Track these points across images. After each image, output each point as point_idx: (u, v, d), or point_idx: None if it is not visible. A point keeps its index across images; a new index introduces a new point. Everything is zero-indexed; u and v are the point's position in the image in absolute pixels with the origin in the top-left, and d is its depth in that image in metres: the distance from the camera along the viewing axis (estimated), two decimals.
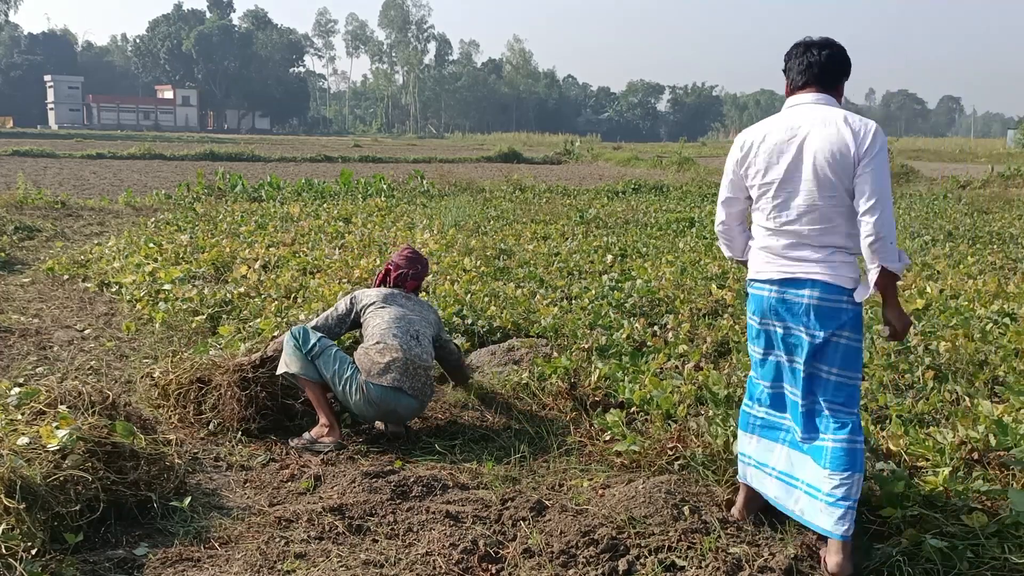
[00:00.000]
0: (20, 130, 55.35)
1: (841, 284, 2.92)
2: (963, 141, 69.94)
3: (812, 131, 2.92)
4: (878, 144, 2.84)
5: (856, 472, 2.88)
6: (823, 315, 2.93)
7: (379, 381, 4.07)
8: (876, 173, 2.81)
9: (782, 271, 3.01)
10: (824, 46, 3.04)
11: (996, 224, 12.38)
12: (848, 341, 2.93)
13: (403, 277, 4.69)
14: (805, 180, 2.92)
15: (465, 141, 70.69)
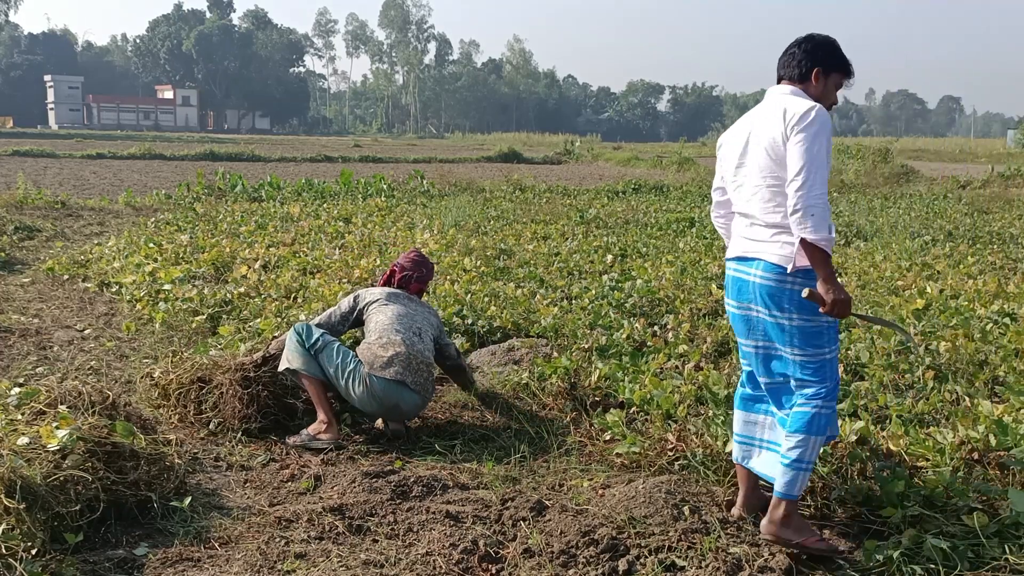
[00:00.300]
0: (20, 130, 55.35)
1: (782, 264, 2.99)
2: (963, 141, 69.93)
3: (760, 117, 3.08)
4: (806, 120, 2.92)
5: (811, 435, 2.98)
6: (768, 294, 3.04)
7: (382, 374, 4.08)
8: (802, 146, 2.89)
9: (739, 249, 3.17)
10: (804, 41, 3.15)
11: (996, 224, 12.38)
12: (801, 322, 3.00)
13: (407, 279, 4.71)
14: (751, 163, 3.09)
15: (465, 141, 70.70)
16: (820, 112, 2.94)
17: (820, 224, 2.83)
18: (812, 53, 3.11)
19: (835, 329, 3.05)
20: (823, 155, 2.89)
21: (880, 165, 24.03)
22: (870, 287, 7.30)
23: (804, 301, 2.94)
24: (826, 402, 3.01)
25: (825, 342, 3.02)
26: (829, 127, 2.96)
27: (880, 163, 24.33)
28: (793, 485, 3.01)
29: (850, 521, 3.26)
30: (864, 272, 8.04)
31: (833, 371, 3.05)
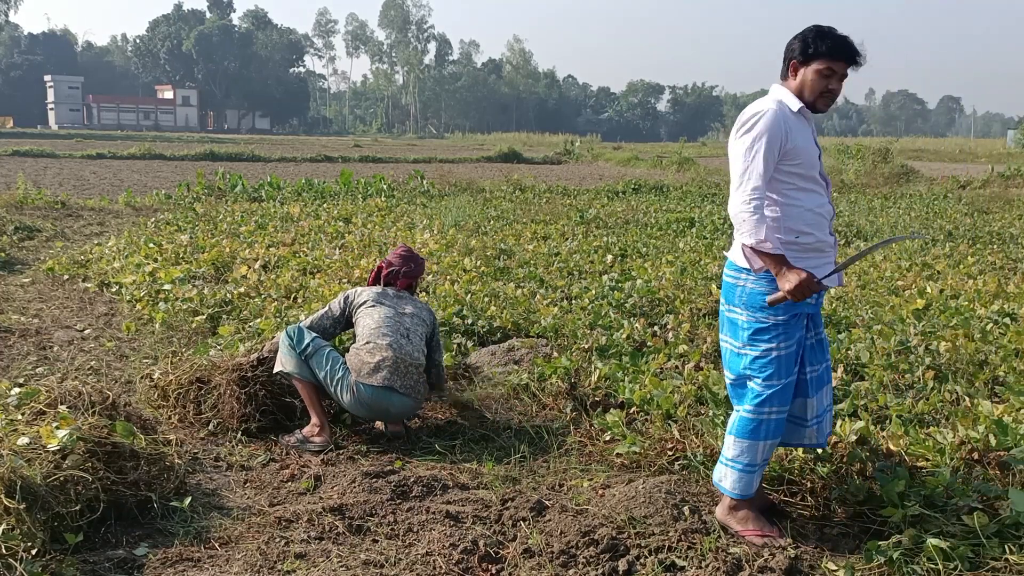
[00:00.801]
0: (20, 130, 55.36)
1: (735, 259, 3.13)
2: (963, 141, 69.99)
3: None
4: (745, 128, 2.98)
5: (758, 440, 3.07)
6: (724, 288, 3.22)
7: (369, 381, 4.07)
8: (733, 155, 3.00)
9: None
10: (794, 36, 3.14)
11: (996, 224, 12.38)
12: (748, 318, 3.09)
13: (394, 275, 4.63)
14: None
15: (465, 141, 70.69)
16: (763, 118, 2.95)
17: (752, 230, 2.91)
18: (788, 47, 3.09)
19: (785, 327, 3.06)
20: (756, 162, 2.92)
21: (880, 165, 24.04)
22: (870, 287, 7.30)
23: (752, 298, 3.06)
24: (763, 404, 3.06)
25: (772, 340, 3.06)
26: (771, 131, 2.94)
27: (880, 163, 24.34)
28: (737, 484, 3.12)
29: (850, 521, 3.26)
30: (864, 272, 8.04)
31: (783, 371, 3.07)
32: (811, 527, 3.26)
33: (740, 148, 2.97)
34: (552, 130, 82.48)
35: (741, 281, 3.10)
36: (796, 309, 3.05)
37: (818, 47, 3.00)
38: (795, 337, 3.08)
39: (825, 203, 3.13)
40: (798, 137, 3.01)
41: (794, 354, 3.09)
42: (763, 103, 3.02)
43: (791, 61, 3.07)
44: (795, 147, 3.00)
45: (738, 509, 3.17)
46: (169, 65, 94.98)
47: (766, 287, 3.03)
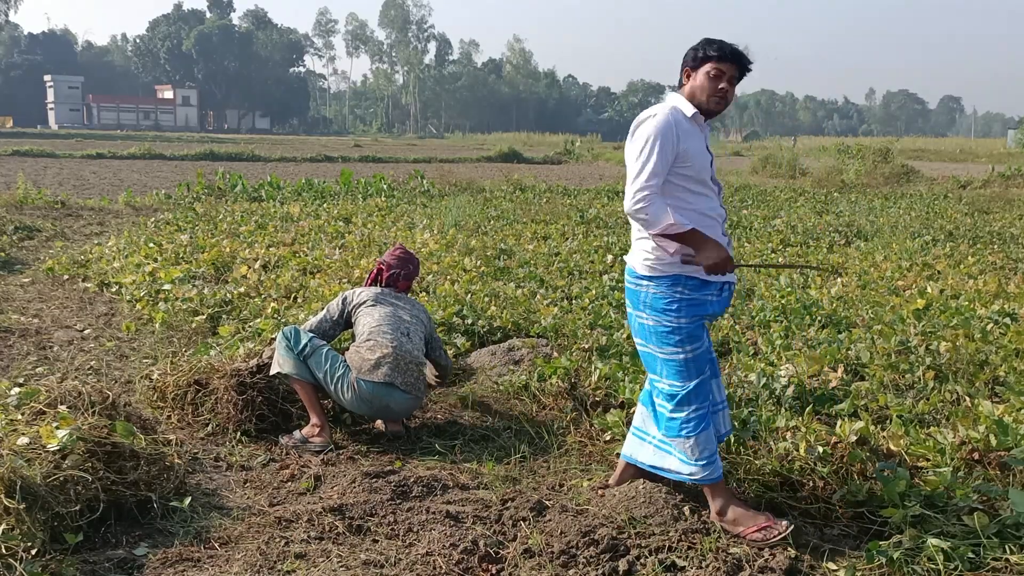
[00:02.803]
0: (20, 130, 55.36)
1: (634, 267, 3.25)
2: (963, 141, 70.02)
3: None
4: (633, 133, 3.11)
5: (687, 437, 3.18)
6: (627, 293, 3.31)
7: (370, 377, 4.08)
8: (627, 158, 3.09)
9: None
10: None
11: (996, 224, 12.38)
12: (653, 323, 3.19)
13: (395, 277, 4.69)
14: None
15: (465, 141, 70.68)
16: (655, 121, 3.07)
17: (655, 218, 3.01)
18: (683, 59, 3.25)
19: (689, 331, 3.16)
20: (649, 162, 3.01)
21: (880, 165, 24.02)
22: (870, 287, 7.29)
23: (657, 302, 3.16)
24: (699, 404, 3.17)
25: (677, 342, 3.16)
26: (664, 132, 3.04)
27: (880, 163, 24.32)
28: (706, 473, 3.19)
29: (850, 521, 3.26)
30: (864, 272, 8.03)
31: (695, 369, 3.18)
32: (811, 527, 3.26)
33: (633, 150, 3.08)
34: (552, 130, 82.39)
35: (643, 287, 3.21)
36: (701, 311, 3.17)
37: (707, 52, 3.17)
38: (702, 339, 3.21)
39: (716, 206, 3.24)
40: (690, 141, 3.13)
41: (704, 355, 3.21)
42: (656, 108, 3.15)
43: (684, 69, 3.23)
44: (687, 150, 3.11)
45: (724, 511, 3.20)
46: (169, 65, 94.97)
47: (667, 292, 3.16)
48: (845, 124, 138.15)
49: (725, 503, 3.21)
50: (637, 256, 3.24)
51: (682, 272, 3.14)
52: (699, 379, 3.20)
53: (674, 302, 3.15)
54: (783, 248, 9.77)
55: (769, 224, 11.94)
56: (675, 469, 3.27)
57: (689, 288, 3.15)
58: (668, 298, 3.15)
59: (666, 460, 3.30)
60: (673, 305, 3.15)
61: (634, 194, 3.01)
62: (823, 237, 10.65)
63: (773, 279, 7.59)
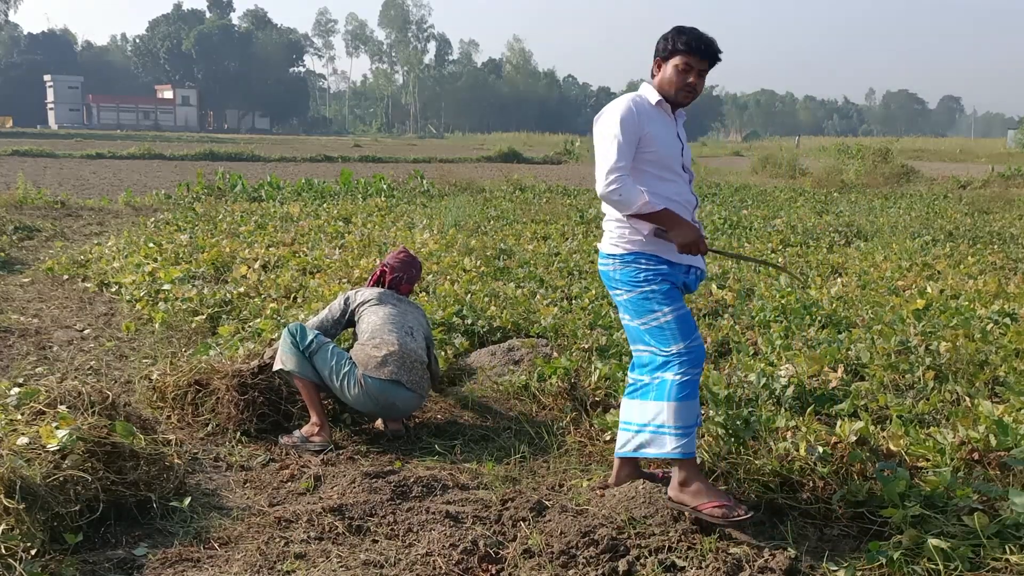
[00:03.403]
0: (20, 130, 55.35)
1: (606, 250, 3.32)
2: (963, 141, 70.05)
3: None
4: (598, 120, 3.20)
5: (671, 401, 3.17)
6: (602, 277, 3.39)
7: (377, 374, 4.08)
8: (595, 144, 3.17)
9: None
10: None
11: (996, 224, 12.38)
12: (628, 294, 3.26)
13: (398, 281, 4.72)
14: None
15: (465, 141, 70.68)
16: (616, 107, 3.16)
17: (627, 199, 3.07)
18: (655, 48, 3.26)
19: (663, 293, 3.21)
20: (614, 145, 3.08)
21: (880, 165, 24.02)
22: (870, 287, 7.29)
23: (626, 276, 3.24)
24: (688, 369, 3.18)
25: (656, 306, 3.20)
26: (624, 117, 3.11)
27: (880, 163, 24.32)
28: (679, 445, 3.18)
29: (850, 521, 3.26)
30: (864, 272, 8.03)
31: (679, 332, 3.19)
32: (811, 527, 3.26)
33: (599, 135, 3.17)
34: (552, 130, 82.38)
35: (610, 265, 3.30)
36: (670, 278, 3.23)
37: (676, 44, 3.18)
38: (679, 301, 3.24)
39: (685, 192, 3.31)
40: (654, 127, 3.19)
41: (685, 316, 3.23)
42: (621, 97, 3.24)
43: (656, 59, 3.25)
44: (649, 134, 3.16)
45: (688, 483, 3.21)
46: (169, 65, 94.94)
47: (632, 266, 3.23)
48: (845, 124, 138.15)
49: (691, 476, 3.22)
50: (605, 239, 3.35)
51: (643, 250, 3.22)
52: (689, 342, 3.20)
53: (640, 272, 3.24)
54: (783, 248, 9.77)
55: (769, 224, 11.94)
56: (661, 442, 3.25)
57: (652, 263, 3.23)
58: (634, 270, 3.24)
59: (648, 441, 3.29)
60: (640, 275, 3.24)
61: (606, 176, 3.08)
62: (823, 237, 10.65)
63: (773, 279, 7.59)
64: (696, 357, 3.23)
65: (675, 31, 3.22)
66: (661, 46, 3.23)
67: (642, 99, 3.22)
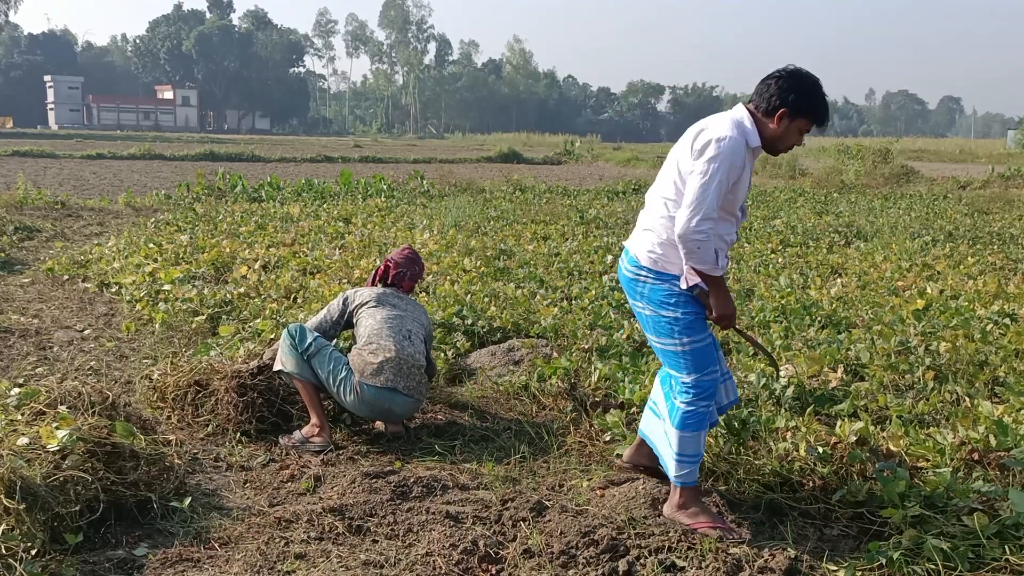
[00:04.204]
0: (20, 130, 55.33)
1: (637, 256, 3.21)
2: (963, 141, 70.03)
3: (696, 127, 3.14)
4: (709, 155, 2.97)
5: (681, 431, 3.15)
6: (624, 281, 3.29)
7: (373, 382, 4.08)
8: (698, 179, 2.98)
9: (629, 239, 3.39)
10: (784, 76, 3.11)
11: (996, 224, 12.38)
12: (652, 313, 3.18)
13: (401, 276, 4.70)
14: (666, 165, 3.24)
15: (465, 141, 70.68)
16: (726, 147, 2.98)
17: (702, 257, 2.99)
18: (784, 93, 3.05)
19: (687, 324, 3.14)
20: (713, 191, 2.95)
21: (880, 165, 24.01)
22: (870, 287, 7.30)
23: (654, 295, 3.15)
24: (694, 399, 3.15)
25: (678, 333, 3.14)
26: (732, 162, 2.98)
27: (880, 163, 24.30)
28: (679, 473, 3.19)
29: (850, 522, 3.26)
30: (864, 272, 8.04)
31: (693, 364, 3.15)
32: (811, 527, 3.27)
33: (698, 171, 2.99)
34: (552, 130, 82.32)
35: (643, 278, 3.20)
36: (700, 308, 3.17)
37: (811, 109, 3.07)
38: (703, 332, 3.18)
39: (733, 232, 3.24)
40: (745, 172, 3.08)
41: (704, 349, 3.17)
42: (725, 127, 3.03)
43: (781, 108, 3.05)
44: (738, 181, 3.06)
45: (686, 506, 3.23)
46: (169, 65, 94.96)
47: (667, 286, 3.14)
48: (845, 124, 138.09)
49: (689, 501, 3.23)
50: (642, 246, 3.20)
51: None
52: (701, 375, 3.15)
53: (672, 295, 3.15)
54: (783, 248, 9.77)
55: (769, 224, 11.95)
56: (667, 459, 3.28)
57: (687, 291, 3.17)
58: (667, 292, 3.15)
59: (665, 447, 3.30)
60: (672, 299, 3.15)
61: (697, 223, 2.94)
62: (823, 238, 10.65)
63: (773, 279, 7.60)
64: (704, 391, 3.16)
65: (814, 94, 3.07)
66: (793, 102, 3.04)
67: (745, 139, 3.05)
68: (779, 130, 3.08)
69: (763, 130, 3.09)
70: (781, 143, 3.13)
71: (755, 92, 3.15)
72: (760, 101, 3.10)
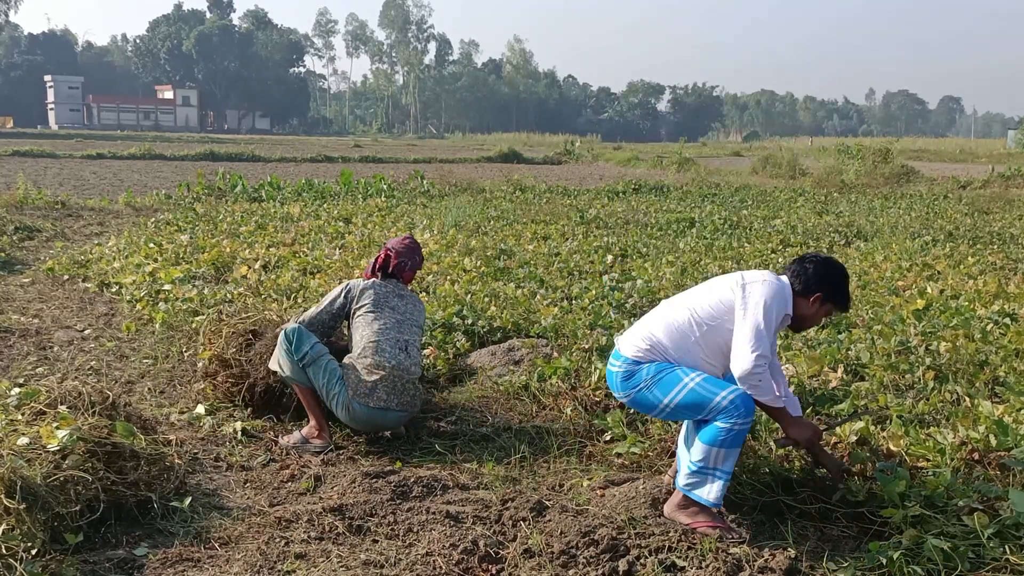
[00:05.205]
0: (20, 130, 55.33)
1: (624, 352, 3.35)
2: (963, 141, 70.02)
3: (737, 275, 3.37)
4: (765, 292, 3.21)
5: (712, 446, 3.14)
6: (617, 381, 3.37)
7: (365, 401, 4.06)
8: (752, 319, 3.17)
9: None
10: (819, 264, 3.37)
11: (996, 224, 12.38)
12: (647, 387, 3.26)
13: (402, 266, 4.53)
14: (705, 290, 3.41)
15: (465, 141, 70.69)
16: (782, 294, 3.23)
17: (763, 390, 3.15)
18: (822, 279, 3.32)
19: (675, 367, 3.23)
20: (769, 329, 3.16)
21: (880, 165, 24.00)
22: (870, 287, 7.30)
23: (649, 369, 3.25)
24: (735, 417, 3.12)
25: (679, 376, 3.20)
26: (777, 314, 3.20)
27: (880, 163, 24.29)
28: (696, 487, 3.19)
29: (850, 522, 3.26)
30: (864, 272, 8.04)
31: (711, 387, 3.16)
32: (811, 527, 3.27)
33: (755, 311, 3.16)
34: (552, 130, 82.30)
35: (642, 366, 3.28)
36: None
37: (838, 298, 3.36)
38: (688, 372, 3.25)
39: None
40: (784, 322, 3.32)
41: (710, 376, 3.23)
42: (772, 276, 3.28)
43: (818, 292, 3.32)
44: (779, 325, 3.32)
45: (688, 505, 3.24)
46: (169, 65, 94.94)
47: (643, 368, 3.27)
48: (845, 124, 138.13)
49: (692, 501, 3.23)
50: (631, 343, 3.33)
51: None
52: (725, 392, 3.13)
53: (654, 369, 3.27)
54: (783, 248, 9.77)
55: (769, 224, 11.95)
56: (681, 463, 3.29)
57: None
58: (646, 371, 3.27)
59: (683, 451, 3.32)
60: (655, 371, 3.26)
61: (756, 359, 3.10)
62: (823, 237, 10.65)
63: None
64: (739, 406, 3.13)
65: (842, 289, 3.35)
66: (831, 289, 3.33)
67: (785, 295, 3.27)
68: (813, 310, 3.35)
69: (797, 306, 3.32)
70: (809, 321, 3.40)
71: (788, 271, 3.38)
72: (795, 281, 3.34)
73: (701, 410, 3.16)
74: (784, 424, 3.26)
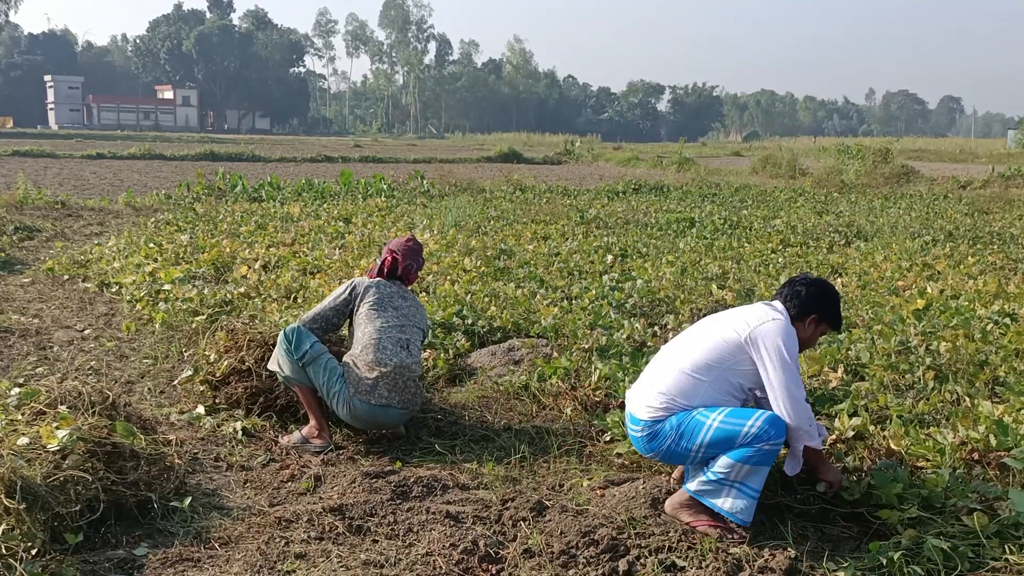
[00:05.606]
0: (20, 130, 55.33)
1: (638, 415, 3.34)
2: (963, 141, 70.00)
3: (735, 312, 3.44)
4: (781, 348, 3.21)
5: (738, 462, 3.12)
6: (642, 443, 3.37)
7: (366, 398, 4.06)
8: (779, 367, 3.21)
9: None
10: (811, 285, 3.43)
11: (996, 224, 12.38)
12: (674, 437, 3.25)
13: (409, 269, 4.57)
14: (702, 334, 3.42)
15: (465, 141, 70.70)
16: (789, 337, 3.23)
17: (815, 433, 3.22)
18: (815, 301, 3.38)
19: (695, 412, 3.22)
20: (795, 375, 3.19)
21: (880, 165, 23.99)
22: (870, 287, 7.30)
23: (671, 422, 3.24)
24: (766, 439, 3.11)
25: (701, 416, 3.20)
26: (796, 353, 3.25)
27: (880, 163, 24.29)
28: (709, 494, 3.18)
29: (851, 521, 3.26)
30: (864, 272, 8.04)
31: (737, 419, 3.15)
32: (811, 527, 3.27)
33: (782, 351, 3.18)
34: (552, 130, 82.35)
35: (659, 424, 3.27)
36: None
37: (831, 319, 3.43)
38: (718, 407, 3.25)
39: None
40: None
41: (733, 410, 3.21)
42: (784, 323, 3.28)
43: (813, 314, 3.38)
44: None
45: (692, 504, 3.25)
46: (169, 65, 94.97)
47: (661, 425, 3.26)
48: (845, 124, 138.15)
49: (703, 509, 3.22)
50: (644, 406, 3.32)
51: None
52: (751, 420, 3.12)
53: (675, 422, 3.25)
54: (783, 248, 9.77)
55: (769, 224, 11.95)
56: (720, 504, 3.20)
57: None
58: (669, 425, 3.25)
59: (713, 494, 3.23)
60: (678, 422, 3.25)
61: (807, 413, 3.17)
62: (823, 237, 10.65)
63: (773, 279, 7.60)
64: (769, 428, 3.10)
65: (836, 309, 3.42)
66: (824, 310, 3.39)
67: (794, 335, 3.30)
68: (809, 332, 3.39)
69: (795, 330, 3.33)
70: (806, 344, 3.42)
71: (784, 296, 3.41)
72: (790, 305, 3.38)
73: (733, 442, 3.13)
74: (821, 468, 3.30)
